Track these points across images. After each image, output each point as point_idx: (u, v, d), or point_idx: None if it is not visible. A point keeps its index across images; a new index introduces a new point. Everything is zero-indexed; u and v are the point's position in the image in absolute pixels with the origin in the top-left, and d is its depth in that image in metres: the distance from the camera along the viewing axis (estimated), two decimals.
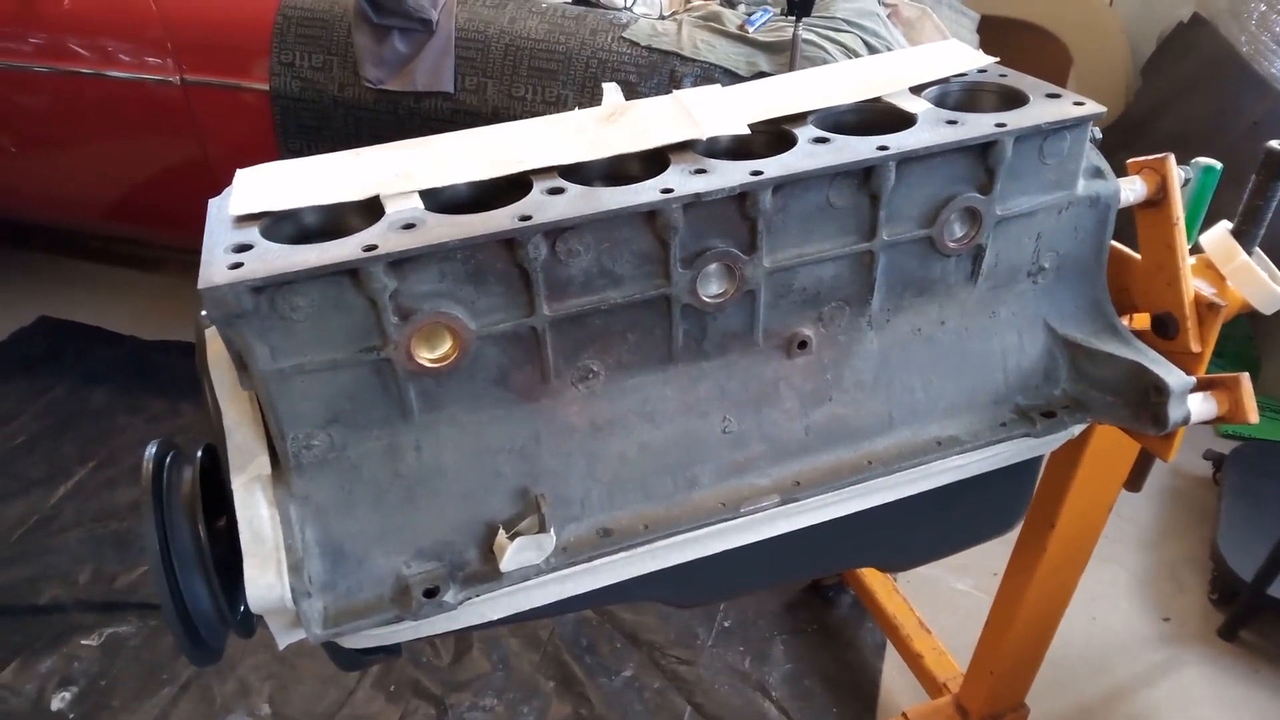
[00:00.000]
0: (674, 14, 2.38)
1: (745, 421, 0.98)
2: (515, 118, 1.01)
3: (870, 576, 2.04)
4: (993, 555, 1.50)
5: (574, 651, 2.08)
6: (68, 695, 1.97)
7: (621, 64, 2.20)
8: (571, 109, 1.07)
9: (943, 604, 2.16)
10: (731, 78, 2.14)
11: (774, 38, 2.20)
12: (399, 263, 0.79)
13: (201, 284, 0.73)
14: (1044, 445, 1.10)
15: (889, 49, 2.27)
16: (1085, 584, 1.52)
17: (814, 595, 2.23)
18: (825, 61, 2.12)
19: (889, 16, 2.46)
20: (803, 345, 0.99)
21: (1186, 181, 1.10)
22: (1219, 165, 1.13)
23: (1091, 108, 0.96)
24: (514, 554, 0.86)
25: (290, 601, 0.80)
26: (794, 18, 2.07)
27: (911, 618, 1.94)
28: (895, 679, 2.04)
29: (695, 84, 2.14)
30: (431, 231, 0.80)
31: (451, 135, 0.98)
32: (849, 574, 2.11)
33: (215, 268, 0.75)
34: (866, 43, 2.26)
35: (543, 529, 0.87)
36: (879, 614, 1.99)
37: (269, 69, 2.37)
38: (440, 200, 0.87)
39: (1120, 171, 1.07)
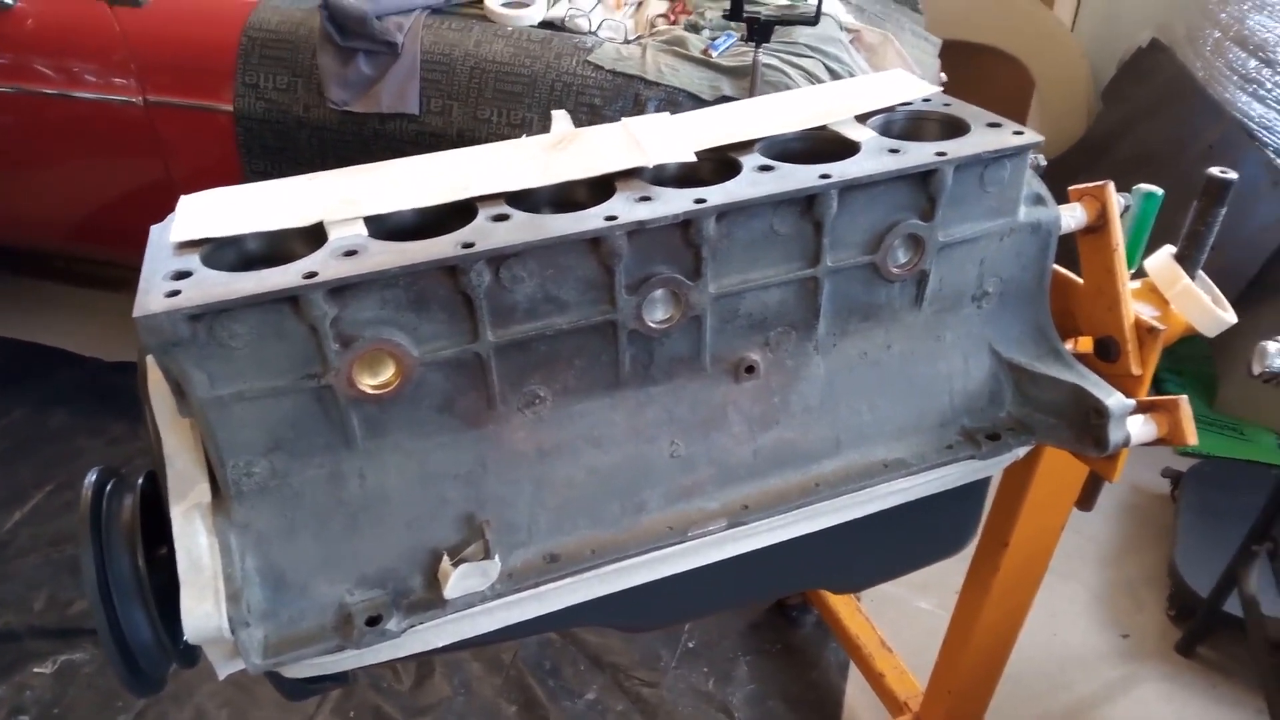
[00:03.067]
0: (639, 38, 2.40)
1: (693, 446, 0.98)
2: (480, 140, 1.02)
3: (833, 596, 2.05)
4: (956, 573, 1.51)
5: (537, 675, 2.06)
6: None
7: (586, 87, 2.21)
8: (537, 132, 1.08)
9: (905, 623, 2.17)
10: (695, 101, 2.16)
11: (737, 62, 2.22)
12: (339, 290, 0.79)
13: (137, 311, 0.73)
14: (990, 467, 1.11)
15: (851, 74, 2.30)
16: (1045, 601, 1.53)
17: (778, 615, 2.23)
18: (788, 86, 2.15)
19: (851, 42, 2.49)
20: (750, 370, 0.99)
21: (1126, 208, 1.12)
22: (1160, 191, 1.16)
23: (1030, 137, 0.98)
24: (458, 580, 0.86)
25: (228, 631, 0.79)
26: (754, 44, 2.09)
27: (874, 637, 1.95)
28: (858, 698, 2.04)
29: (659, 107, 2.15)
30: (373, 259, 0.80)
31: (400, 161, 0.98)
32: (813, 594, 2.11)
33: (152, 295, 0.75)
34: (829, 68, 2.28)
35: (488, 555, 0.87)
36: (842, 633, 1.99)
37: (233, 90, 2.36)
38: (386, 227, 0.88)
39: (1063, 198, 1.09)
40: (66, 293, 3.47)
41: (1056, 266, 1.11)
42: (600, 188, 0.93)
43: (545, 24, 2.36)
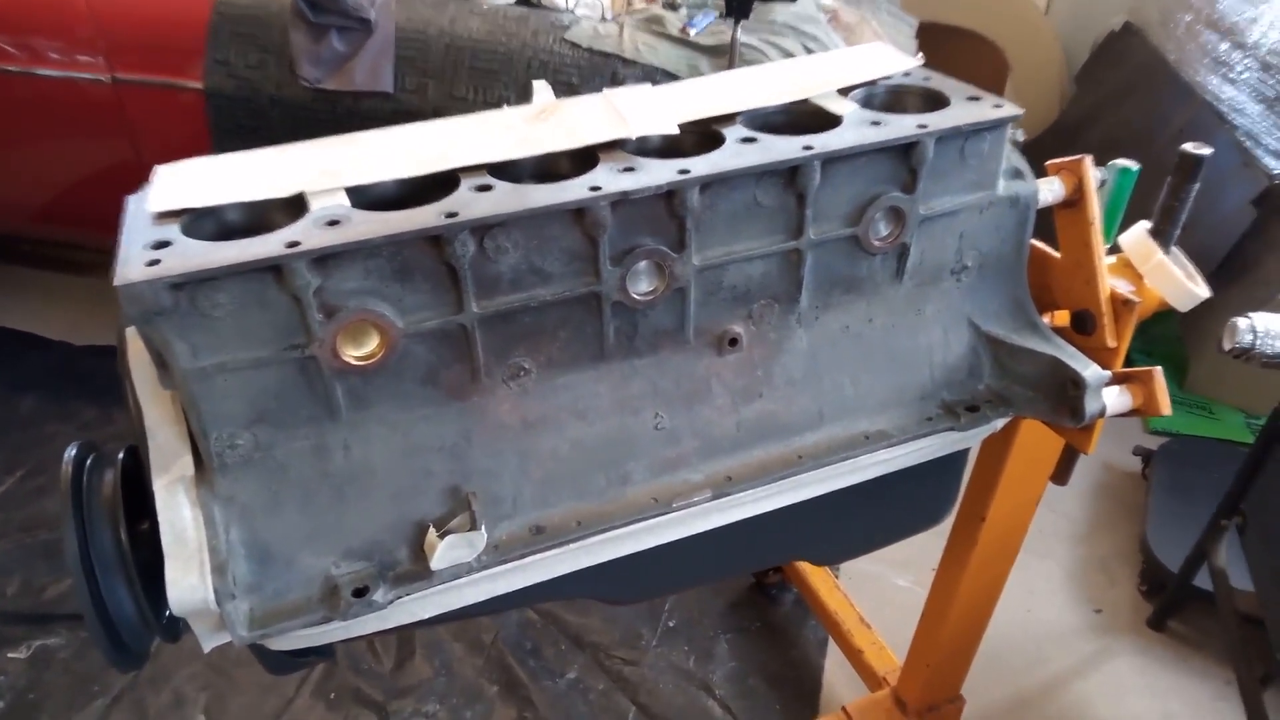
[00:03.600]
0: (616, 16, 2.39)
1: (677, 418, 0.99)
2: None
3: (812, 574, 2.07)
4: (933, 551, 1.53)
5: (518, 655, 2.07)
6: None
7: (563, 65, 2.20)
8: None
9: (883, 600, 2.19)
10: (672, 80, 2.15)
11: (714, 41, 2.22)
12: (323, 259, 0.78)
13: (117, 280, 0.72)
14: (968, 439, 1.12)
15: None
16: (1020, 577, 1.55)
17: (757, 593, 2.25)
18: None
19: (828, 22, 2.49)
20: (733, 342, 1.00)
21: (1103, 183, 1.13)
22: (1135, 167, 1.17)
23: (1009, 110, 0.99)
24: (444, 552, 0.86)
25: (214, 603, 0.79)
26: (732, 20, 2.09)
27: (852, 614, 1.97)
28: (836, 674, 2.06)
29: None
30: (356, 228, 0.79)
31: (379, 132, 0.97)
32: (792, 572, 2.13)
33: (132, 264, 0.74)
34: (806, 47, 2.29)
35: (473, 527, 0.87)
36: (821, 611, 2.01)
37: (203, 67, 2.32)
38: (367, 198, 0.87)
39: (1041, 173, 1.10)
40: (33, 276, 3.41)
41: (1034, 241, 1.12)
42: (583, 159, 0.93)
43: (522, 1, 2.34)
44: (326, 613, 0.84)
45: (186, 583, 0.78)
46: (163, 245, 0.77)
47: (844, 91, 1.06)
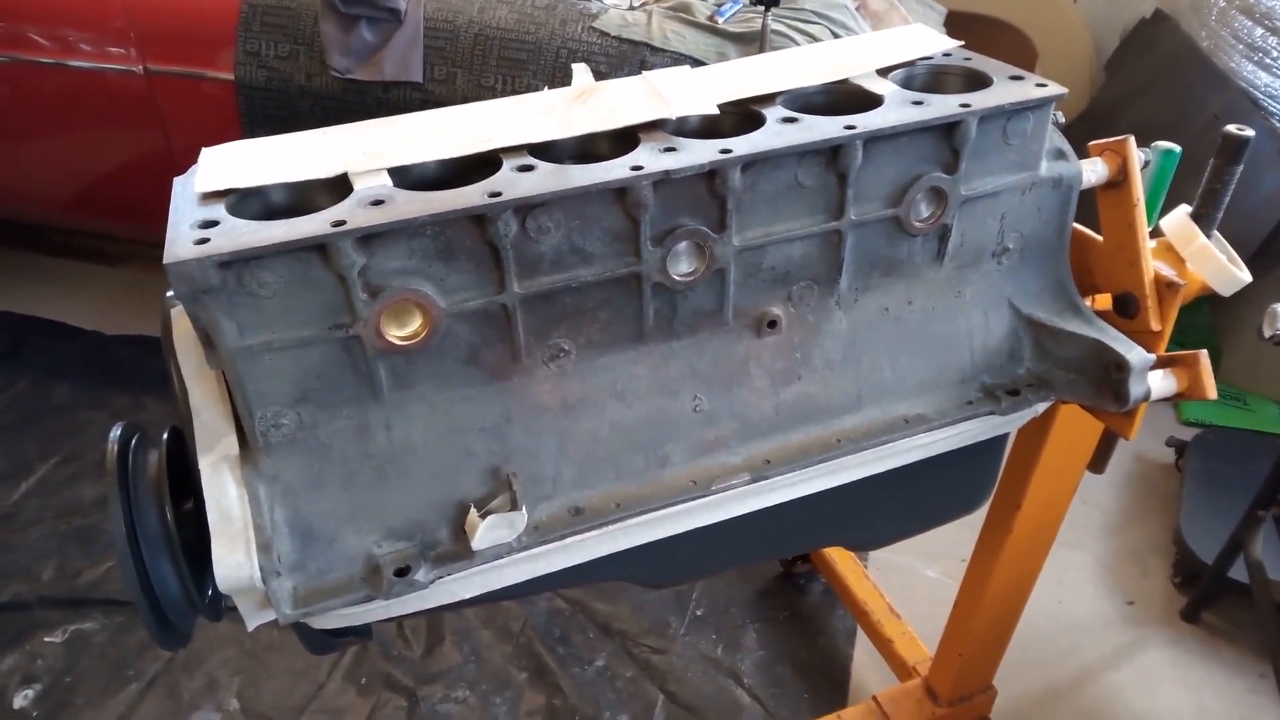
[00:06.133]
0: (644, 4, 2.38)
1: (716, 400, 0.98)
2: None
3: (841, 563, 2.06)
4: (961, 541, 1.52)
5: (546, 642, 2.07)
6: (30, 693, 1.94)
7: (591, 54, 2.20)
8: None
9: (912, 590, 2.18)
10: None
11: (743, 28, 2.21)
12: (368, 239, 0.78)
13: (167, 259, 0.72)
14: (1009, 423, 1.11)
15: None
16: (1051, 568, 1.54)
17: (785, 582, 2.24)
18: None
19: (857, 9, 2.47)
20: (772, 324, 0.99)
21: (1146, 164, 1.12)
22: (1178, 149, 1.15)
23: (1053, 89, 0.98)
24: (485, 532, 0.86)
25: (259, 581, 0.79)
26: (763, 8, 2.08)
27: (881, 603, 1.96)
28: (866, 664, 2.06)
29: None
30: (401, 207, 0.79)
31: (419, 115, 0.97)
32: (820, 561, 2.12)
33: (181, 243, 0.74)
34: (834, 34, 2.27)
35: (514, 507, 0.87)
36: (849, 600, 2.01)
37: (234, 58, 2.34)
38: (409, 178, 0.87)
39: (1083, 156, 1.09)
40: (65, 267, 3.45)
41: (1075, 224, 1.11)
42: (623, 140, 0.93)
43: None
44: (369, 592, 0.84)
45: (233, 560, 0.79)
46: (210, 225, 0.77)
47: (883, 73, 1.05)
